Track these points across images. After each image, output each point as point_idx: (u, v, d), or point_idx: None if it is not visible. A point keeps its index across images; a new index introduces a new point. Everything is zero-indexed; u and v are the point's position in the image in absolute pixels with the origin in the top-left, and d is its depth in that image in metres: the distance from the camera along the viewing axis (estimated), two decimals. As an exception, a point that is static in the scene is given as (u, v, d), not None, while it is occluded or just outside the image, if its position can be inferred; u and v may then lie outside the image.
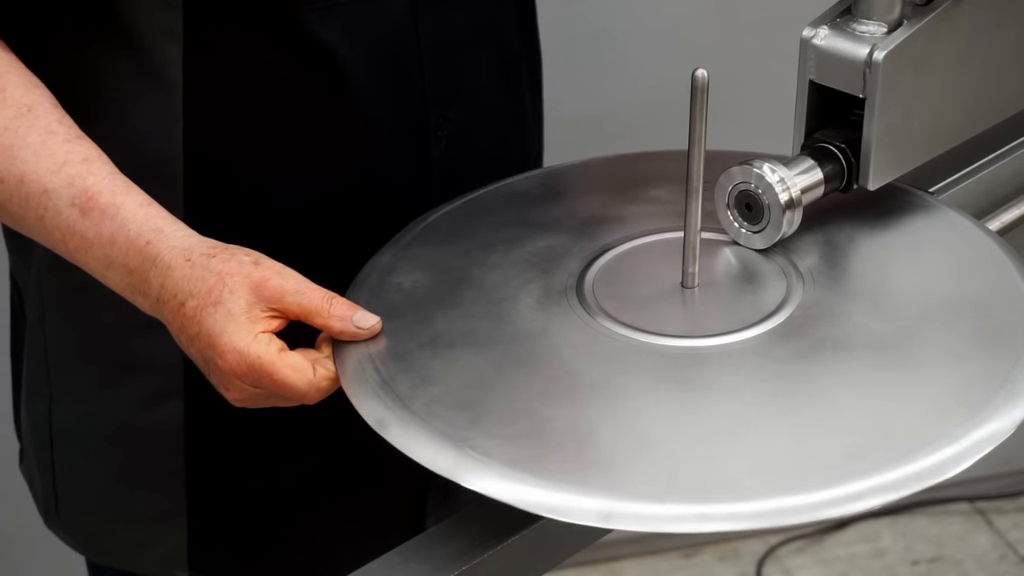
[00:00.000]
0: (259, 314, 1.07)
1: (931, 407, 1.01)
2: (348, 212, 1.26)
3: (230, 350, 1.06)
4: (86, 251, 1.12)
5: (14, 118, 1.14)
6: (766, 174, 1.14)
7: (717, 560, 2.55)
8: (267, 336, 1.06)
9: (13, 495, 2.20)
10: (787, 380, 1.04)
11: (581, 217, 1.21)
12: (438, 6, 1.26)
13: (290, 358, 1.06)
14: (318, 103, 1.23)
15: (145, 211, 1.12)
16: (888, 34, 1.14)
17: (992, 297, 1.10)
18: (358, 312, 1.08)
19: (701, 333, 1.07)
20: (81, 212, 1.12)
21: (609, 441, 1.00)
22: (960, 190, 1.28)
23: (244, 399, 1.09)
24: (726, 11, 2.25)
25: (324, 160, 1.25)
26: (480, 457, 0.99)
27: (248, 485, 1.34)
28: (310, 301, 1.07)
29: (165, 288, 1.09)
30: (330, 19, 1.21)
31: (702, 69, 1.06)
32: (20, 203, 1.14)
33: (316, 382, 1.06)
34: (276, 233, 1.25)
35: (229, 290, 1.07)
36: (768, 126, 1.55)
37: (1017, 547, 2.56)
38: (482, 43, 1.32)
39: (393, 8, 1.24)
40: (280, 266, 1.09)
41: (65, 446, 1.37)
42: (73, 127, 1.15)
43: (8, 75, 1.15)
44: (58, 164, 1.12)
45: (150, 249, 1.10)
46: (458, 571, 1.00)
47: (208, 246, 1.10)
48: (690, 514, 0.95)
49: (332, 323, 1.07)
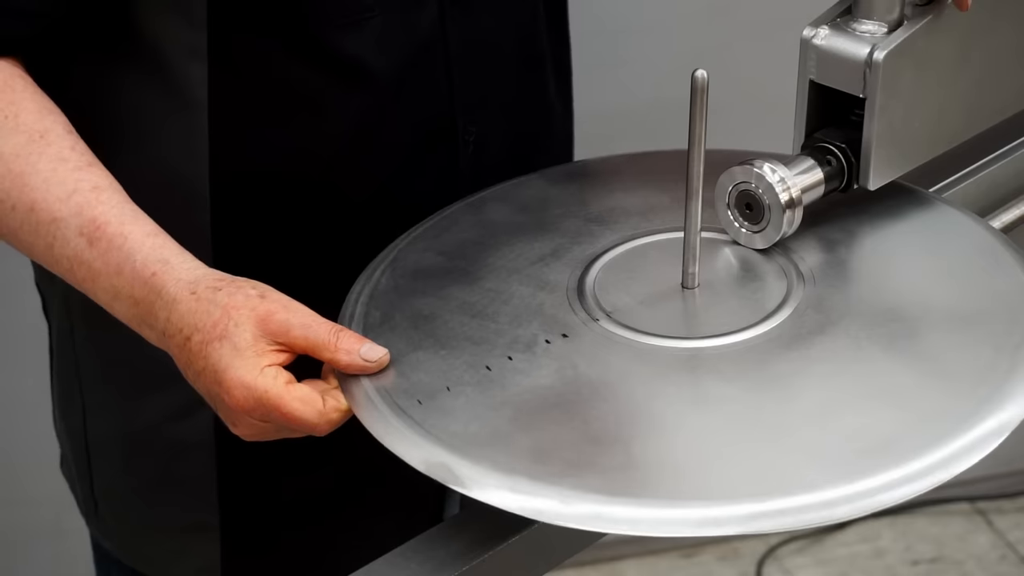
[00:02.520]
0: (265, 347, 1.05)
1: (934, 405, 1.01)
2: (376, 220, 1.24)
3: (237, 385, 1.04)
4: (93, 281, 1.11)
5: (26, 144, 1.12)
6: (766, 174, 1.14)
7: (717, 560, 2.55)
8: (274, 369, 1.05)
9: (13, 495, 2.21)
10: (788, 380, 1.04)
11: (581, 217, 1.21)
12: (465, 11, 1.25)
13: (298, 390, 1.04)
14: (345, 115, 1.22)
15: (152, 241, 1.10)
16: (888, 34, 1.14)
17: (993, 294, 1.10)
18: (365, 344, 1.06)
19: (701, 333, 1.07)
20: (89, 241, 1.10)
21: (607, 441, 1.00)
22: (960, 190, 1.28)
23: (253, 434, 1.07)
24: (726, 11, 2.25)
25: (351, 171, 1.24)
26: (479, 463, 0.99)
27: (281, 492, 1.33)
28: (316, 335, 1.05)
29: (171, 322, 1.08)
30: (358, 33, 1.19)
31: (702, 69, 1.06)
32: (31, 232, 1.12)
33: (326, 413, 1.04)
34: (304, 244, 1.24)
35: (235, 324, 1.05)
36: (768, 126, 1.55)
37: (1017, 547, 2.56)
38: (508, 45, 1.31)
39: (422, 19, 1.23)
40: (287, 299, 1.07)
41: (100, 456, 1.37)
42: (86, 154, 1.14)
43: (22, 101, 1.14)
44: (68, 192, 1.11)
45: (155, 281, 1.09)
46: (458, 571, 1.00)
47: (214, 279, 1.08)
48: (689, 518, 0.95)
49: (339, 356, 1.05)
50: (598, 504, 0.95)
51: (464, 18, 1.25)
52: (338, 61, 1.20)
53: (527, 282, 1.13)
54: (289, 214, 1.24)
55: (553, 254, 1.16)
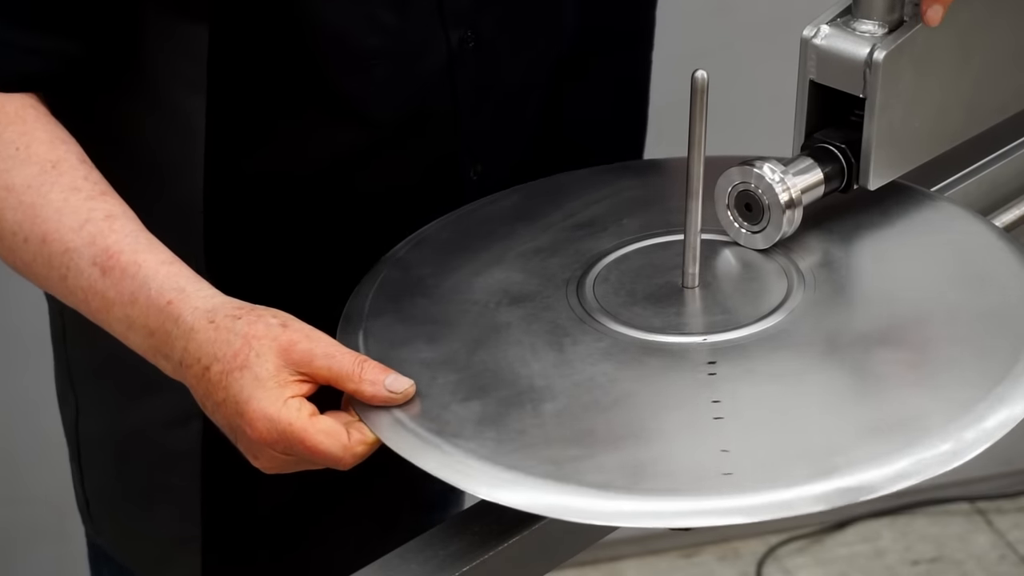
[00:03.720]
0: (288, 378, 1.02)
1: (934, 403, 1.01)
2: (373, 248, 1.21)
3: (260, 417, 1.01)
4: (107, 311, 1.08)
5: (38, 175, 1.10)
6: (766, 174, 1.14)
7: (717, 560, 2.55)
8: (297, 401, 1.01)
9: (13, 495, 2.21)
10: (787, 379, 1.04)
11: (581, 217, 1.21)
12: (481, 58, 1.22)
13: (323, 423, 1.01)
14: (345, 154, 1.20)
15: (167, 269, 1.08)
16: (888, 34, 1.14)
17: (995, 291, 1.10)
18: (390, 376, 1.03)
19: (701, 333, 1.07)
20: (102, 271, 1.08)
21: (607, 440, 1.00)
22: (960, 190, 1.28)
23: (274, 467, 1.04)
24: (726, 11, 2.25)
25: (350, 208, 1.22)
26: (476, 458, 0.99)
27: (265, 504, 1.32)
28: (340, 365, 1.02)
29: (188, 352, 1.05)
30: (360, 77, 1.17)
31: (702, 70, 1.06)
32: (44, 263, 1.10)
33: (351, 447, 1.01)
34: (295, 273, 1.23)
35: (256, 353, 1.02)
36: (768, 126, 1.55)
37: (1017, 547, 2.56)
38: (526, 88, 1.27)
39: (428, 64, 1.20)
40: (309, 328, 1.04)
41: (91, 456, 1.36)
42: (99, 183, 1.11)
43: (35, 131, 1.12)
44: (80, 222, 1.09)
45: (171, 309, 1.06)
46: (458, 572, 1.00)
47: (234, 307, 1.05)
48: (687, 510, 0.95)
49: (364, 387, 1.02)
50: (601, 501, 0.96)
51: (476, 64, 1.22)
52: (339, 103, 1.18)
53: (527, 282, 1.13)
54: (282, 243, 1.23)
55: (553, 254, 1.16)
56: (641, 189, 1.25)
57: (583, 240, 1.17)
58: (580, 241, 1.17)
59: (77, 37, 1.14)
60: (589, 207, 1.21)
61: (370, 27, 1.16)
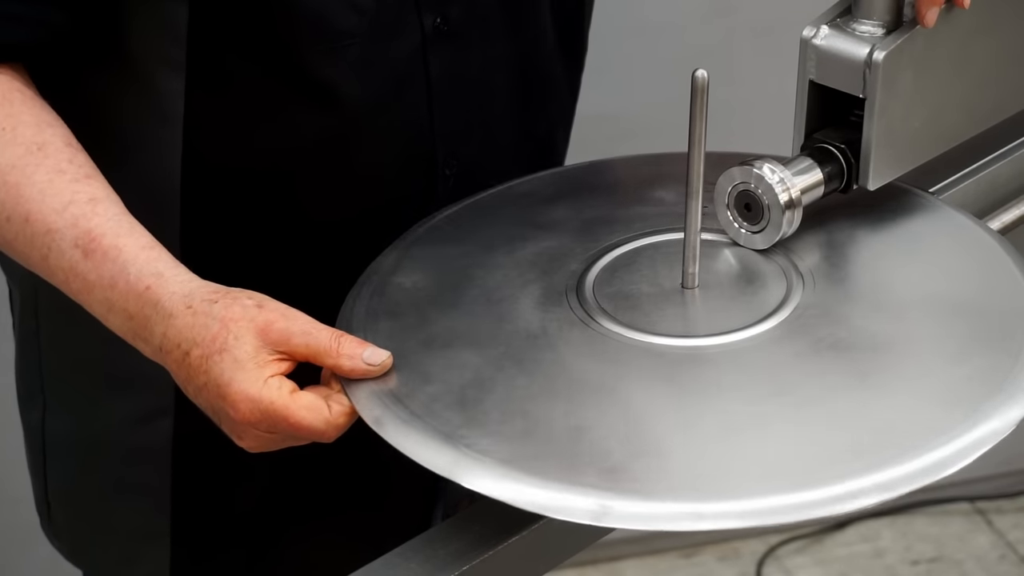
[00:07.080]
0: (267, 358, 1.04)
1: (931, 407, 1.01)
2: (350, 243, 1.23)
3: (242, 399, 1.03)
4: (88, 293, 1.10)
5: (23, 156, 1.11)
6: (766, 174, 1.14)
7: (717, 560, 2.55)
8: (277, 379, 1.03)
9: (13, 495, 2.20)
10: (787, 380, 1.04)
11: (582, 218, 1.21)
12: (454, 45, 1.24)
13: (303, 399, 1.03)
14: (319, 136, 1.21)
15: (147, 254, 1.09)
16: (888, 34, 1.14)
17: (992, 295, 1.10)
18: (367, 349, 1.05)
19: (701, 333, 1.08)
20: (84, 253, 1.09)
21: (606, 441, 1.00)
22: (960, 190, 1.28)
23: (259, 445, 1.06)
24: (726, 11, 2.25)
25: (325, 195, 1.24)
26: (477, 455, 0.99)
27: (236, 504, 1.33)
28: (317, 341, 1.04)
29: (168, 337, 1.06)
30: (335, 58, 1.18)
31: (702, 69, 1.06)
32: (25, 242, 1.11)
33: (333, 419, 1.03)
34: (274, 259, 1.24)
35: (234, 336, 1.04)
36: (768, 126, 1.55)
37: (1017, 547, 2.56)
38: (501, 79, 1.29)
39: (401, 47, 1.21)
40: (284, 307, 1.06)
41: (56, 456, 1.37)
42: (85, 166, 1.13)
43: (20, 114, 1.13)
44: (63, 204, 1.10)
45: (149, 295, 1.07)
46: (458, 571, 1.00)
47: (209, 291, 1.07)
48: (685, 512, 0.95)
49: (342, 362, 1.04)
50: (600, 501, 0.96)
51: (449, 51, 1.24)
52: (314, 85, 1.19)
53: (527, 282, 1.13)
54: (259, 230, 1.24)
55: (554, 254, 1.16)
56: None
57: (583, 240, 1.17)
58: (580, 241, 1.17)
59: (62, 6, 1.15)
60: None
61: (346, 7, 1.17)
